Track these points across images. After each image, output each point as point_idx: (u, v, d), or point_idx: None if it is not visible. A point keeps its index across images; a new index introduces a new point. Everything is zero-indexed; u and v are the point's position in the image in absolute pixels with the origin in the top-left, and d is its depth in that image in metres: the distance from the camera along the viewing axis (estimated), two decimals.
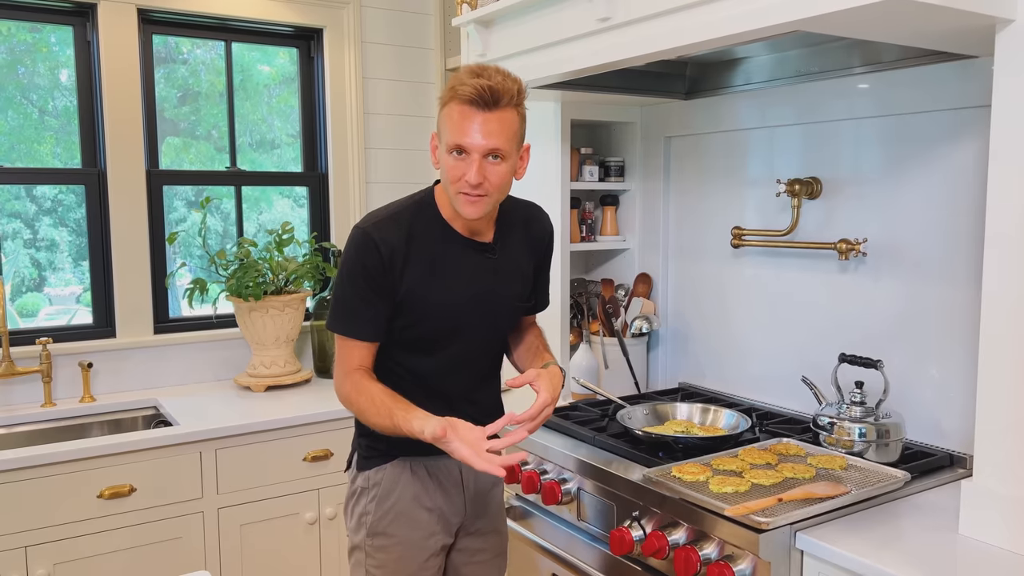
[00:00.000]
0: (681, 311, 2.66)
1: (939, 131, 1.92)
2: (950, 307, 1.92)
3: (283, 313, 2.75)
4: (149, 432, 2.33)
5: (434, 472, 1.71)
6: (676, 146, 2.64)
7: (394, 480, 1.69)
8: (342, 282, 1.62)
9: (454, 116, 1.49)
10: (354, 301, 1.60)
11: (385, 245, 1.55)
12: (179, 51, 2.94)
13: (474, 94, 1.45)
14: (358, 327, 1.61)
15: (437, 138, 1.57)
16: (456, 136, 1.48)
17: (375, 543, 1.69)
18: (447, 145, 1.51)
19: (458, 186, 1.51)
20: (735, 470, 1.73)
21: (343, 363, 1.64)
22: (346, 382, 1.62)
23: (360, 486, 1.72)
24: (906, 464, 1.83)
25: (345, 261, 1.60)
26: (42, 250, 2.78)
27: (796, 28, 1.49)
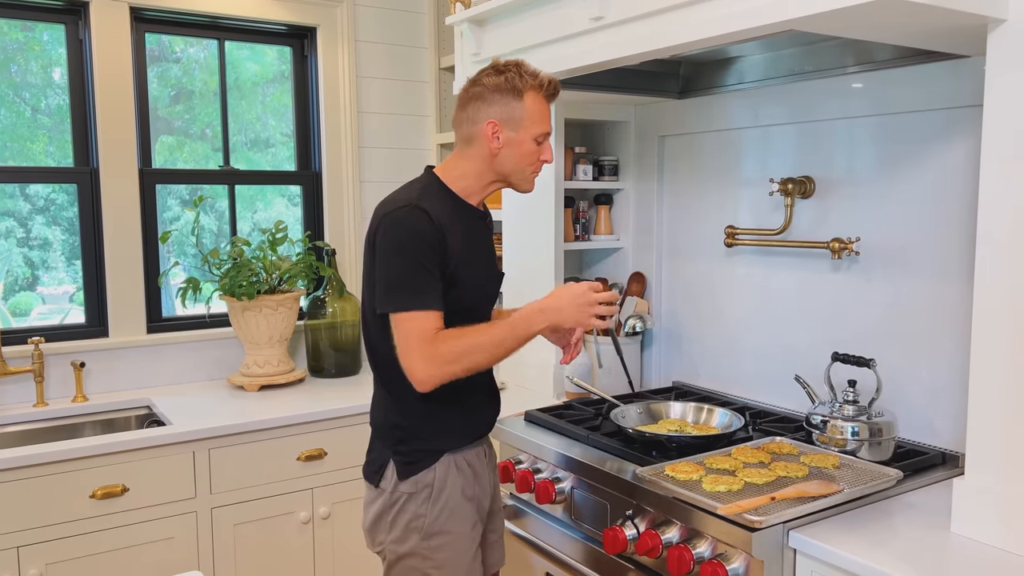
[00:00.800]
0: (675, 310, 2.66)
1: (932, 130, 1.92)
2: (942, 305, 1.92)
3: (276, 312, 2.74)
4: (141, 432, 2.32)
5: (471, 462, 1.77)
6: (670, 145, 2.64)
7: (443, 478, 1.71)
8: (400, 259, 1.59)
9: (543, 109, 1.69)
10: (417, 273, 1.58)
11: (434, 214, 1.61)
12: (172, 50, 2.94)
13: (554, 91, 1.70)
14: (429, 298, 1.58)
15: (503, 125, 1.67)
16: (545, 126, 1.70)
17: (433, 544, 1.69)
18: (536, 134, 1.68)
19: (536, 167, 1.73)
20: (728, 469, 1.73)
21: (424, 337, 1.56)
22: (438, 344, 1.56)
23: (405, 492, 1.70)
24: (899, 463, 1.83)
25: (398, 237, 1.59)
26: (35, 249, 2.77)
27: (789, 28, 1.50)
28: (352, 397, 2.66)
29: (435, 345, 1.57)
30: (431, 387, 1.59)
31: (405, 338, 1.58)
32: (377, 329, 1.69)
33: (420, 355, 1.56)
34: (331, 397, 2.68)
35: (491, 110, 1.67)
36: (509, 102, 1.66)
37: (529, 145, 1.68)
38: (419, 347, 1.57)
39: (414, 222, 1.59)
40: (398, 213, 1.61)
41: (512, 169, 1.71)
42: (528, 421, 2.28)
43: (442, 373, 1.58)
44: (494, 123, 1.67)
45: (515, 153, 1.69)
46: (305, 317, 2.98)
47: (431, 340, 1.57)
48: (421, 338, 1.57)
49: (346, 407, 2.56)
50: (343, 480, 2.57)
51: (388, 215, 1.62)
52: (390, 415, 1.75)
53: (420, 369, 1.57)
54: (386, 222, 1.62)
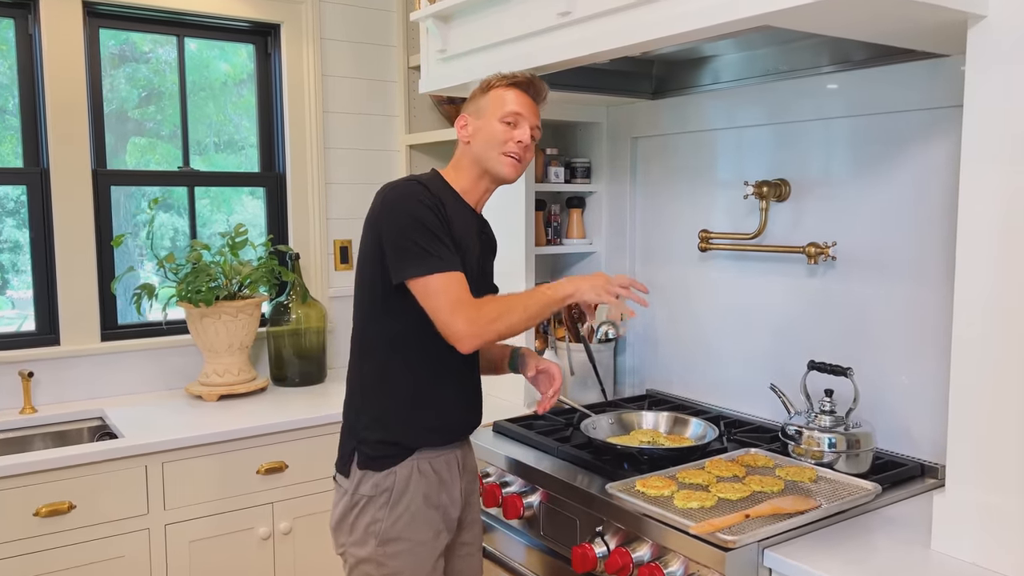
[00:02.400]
0: (648, 316, 2.59)
1: (910, 131, 1.87)
2: (921, 311, 1.87)
3: (236, 319, 2.64)
4: (90, 446, 2.21)
5: (438, 468, 1.71)
6: (643, 147, 2.57)
7: (404, 483, 1.66)
8: (413, 227, 1.58)
9: (509, 95, 1.71)
10: (433, 239, 1.59)
11: (437, 194, 1.65)
12: (140, 49, 2.83)
13: (526, 81, 1.73)
14: (452, 260, 1.59)
15: (471, 117, 1.74)
16: (512, 106, 1.70)
17: (389, 550, 1.65)
18: (500, 115, 1.69)
19: (507, 147, 1.70)
20: (701, 483, 1.66)
21: (463, 296, 1.57)
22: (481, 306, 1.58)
23: (366, 495, 1.67)
24: (877, 475, 1.78)
25: (405, 207, 1.60)
26: (5, 252, 2.65)
27: (763, 23, 1.43)
28: (316, 407, 2.56)
29: (477, 305, 1.58)
30: (475, 346, 1.58)
31: (442, 299, 1.57)
32: (369, 308, 1.70)
33: (464, 314, 1.56)
34: (294, 407, 2.58)
35: (464, 110, 1.78)
36: (477, 98, 1.76)
37: (494, 126, 1.70)
38: (461, 306, 1.56)
39: (418, 193, 1.62)
40: (400, 187, 1.65)
41: (484, 152, 1.71)
42: (496, 432, 2.20)
43: (485, 331, 1.57)
44: (463, 117, 1.77)
45: (484, 137, 1.71)
46: (267, 324, 2.88)
47: (468, 298, 1.58)
48: (459, 297, 1.57)
49: (309, 417, 2.46)
50: (305, 494, 2.47)
51: (391, 189, 1.65)
52: (363, 403, 1.71)
53: (464, 327, 1.56)
54: (390, 196, 1.64)
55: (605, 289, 1.66)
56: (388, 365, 1.69)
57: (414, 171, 3.16)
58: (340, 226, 3.11)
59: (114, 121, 2.81)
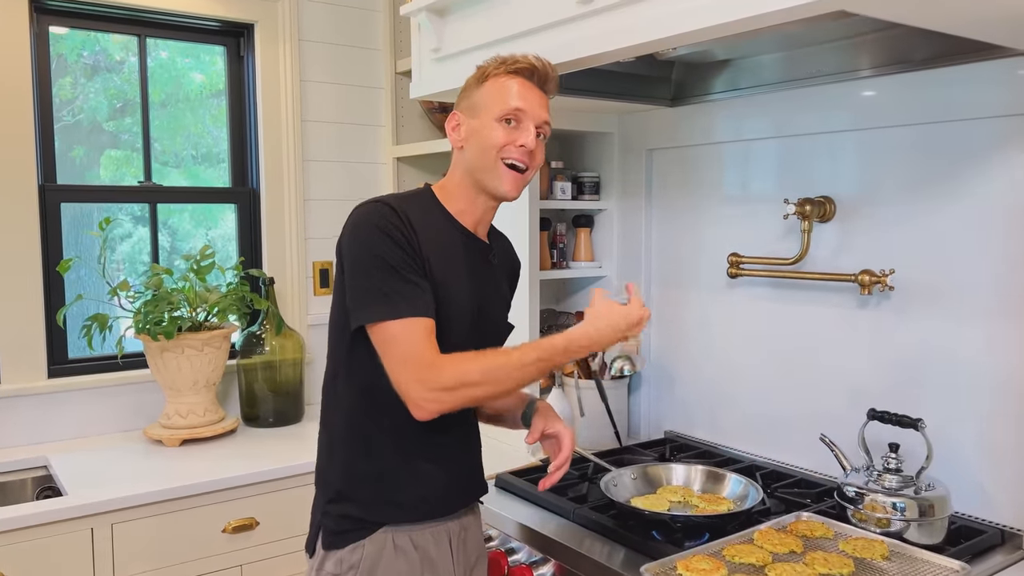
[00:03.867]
0: (667, 349, 2.31)
1: (983, 141, 1.61)
2: (997, 351, 1.60)
3: (202, 353, 2.33)
4: (25, 507, 1.89)
5: (420, 544, 1.42)
6: (659, 160, 2.31)
7: (374, 559, 1.38)
8: (371, 263, 1.32)
9: (508, 86, 1.40)
10: (391, 277, 1.31)
11: (406, 216, 1.36)
12: (112, 58, 2.54)
13: (531, 67, 1.41)
14: (412, 303, 1.31)
15: (464, 115, 1.44)
16: (513, 102, 1.39)
17: None
18: (498, 112, 1.39)
19: (506, 152, 1.40)
20: (755, 564, 1.38)
21: (418, 352, 1.29)
22: (443, 367, 1.29)
23: (331, 572, 1.39)
24: (954, 547, 1.50)
25: (366, 238, 1.33)
26: None
27: (838, 7, 1.16)
28: (291, 453, 2.26)
29: (436, 364, 1.29)
30: (431, 415, 1.30)
31: (393, 351, 1.31)
32: (337, 352, 1.44)
33: (415, 373, 1.29)
34: (267, 453, 2.28)
35: (458, 106, 1.47)
36: (471, 91, 1.45)
37: (490, 128, 1.39)
38: (413, 363, 1.29)
39: (379, 218, 1.34)
40: (362, 212, 1.37)
41: (479, 163, 1.41)
42: (500, 487, 1.92)
43: (442, 399, 1.29)
44: (455, 115, 1.46)
45: (479, 143, 1.41)
46: (238, 356, 2.57)
47: (426, 356, 1.29)
48: (413, 351, 1.29)
49: (282, 467, 2.16)
50: (277, 554, 2.16)
51: (354, 213, 1.39)
52: (327, 465, 1.46)
53: (414, 390, 1.29)
54: (350, 220, 1.38)
55: (629, 330, 1.44)
56: (357, 422, 1.41)
57: (402, 186, 2.88)
58: (320, 247, 2.82)
59: (86, 133, 2.53)
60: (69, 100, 2.52)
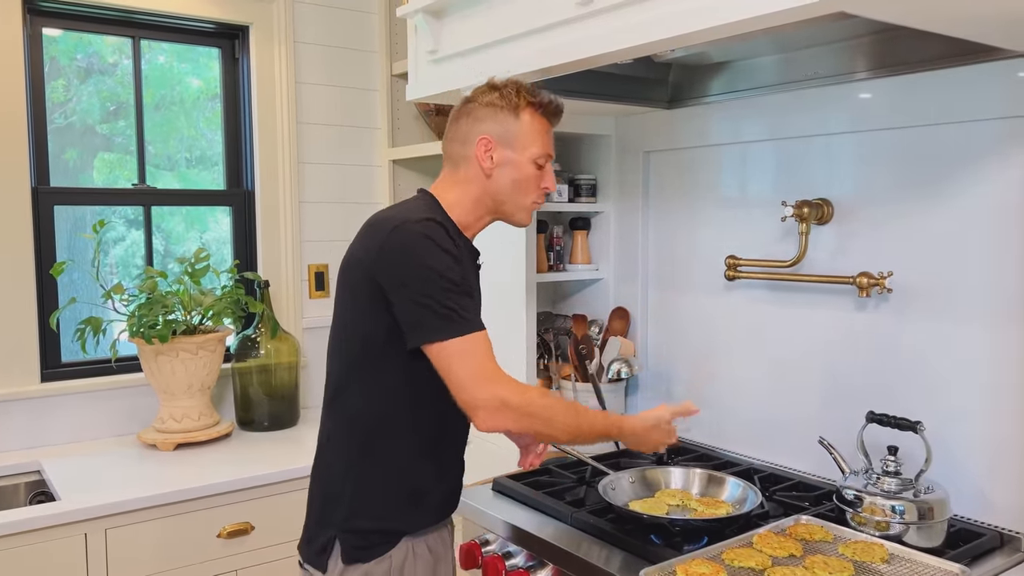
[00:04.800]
0: (664, 352, 2.31)
1: (983, 143, 1.60)
2: (997, 354, 1.60)
3: (197, 357, 2.32)
4: (18, 512, 1.88)
5: (433, 547, 1.49)
6: (657, 162, 2.30)
7: (399, 570, 1.42)
8: (435, 280, 1.31)
9: (543, 129, 1.49)
10: (458, 291, 1.33)
11: (453, 233, 1.41)
12: (105, 60, 2.53)
13: (555, 110, 1.51)
14: (475, 317, 1.35)
15: (499, 144, 1.46)
16: (546, 147, 1.49)
17: None
18: (534, 156, 1.47)
19: (536, 195, 1.51)
20: (755, 568, 1.37)
21: (490, 365, 1.32)
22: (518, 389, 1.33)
23: None
24: (954, 550, 1.50)
25: (421, 257, 1.32)
26: None
27: (837, 8, 1.16)
28: (287, 457, 2.25)
29: (519, 387, 1.33)
30: (493, 427, 1.32)
31: (463, 366, 1.31)
32: (360, 367, 1.41)
33: (494, 389, 1.30)
34: (262, 457, 2.26)
35: (483, 126, 1.47)
36: (504, 118, 1.47)
37: (528, 168, 1.47)
38: (491, 378, 1.31)
39: (438, 239, 1.35)
40: (415, 227, 1.34)
41: (509, 196, 1.48)
42: (496, 491, 1.90)
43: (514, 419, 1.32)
44: (487, 139, 1.46)
45: (512, 176, 1.47)
46: (232, 360, 2.55)
47: (501, 374, 1.33)
48: (486, 367, 1.31)
49: (278, 471, 2.15)
50: (273, 559, 2.15)
51: (399, 228, 1.35)
52: (342, 479, 1.43)
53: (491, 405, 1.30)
54: (400, 239, 1.34)
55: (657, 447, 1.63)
56: (387, 431, 1.41)
57: (397, 188, 2.88)
58: (315, 249, 2.81)
59: (79, 136, 2.52)
60: (62, 103, 2.51)
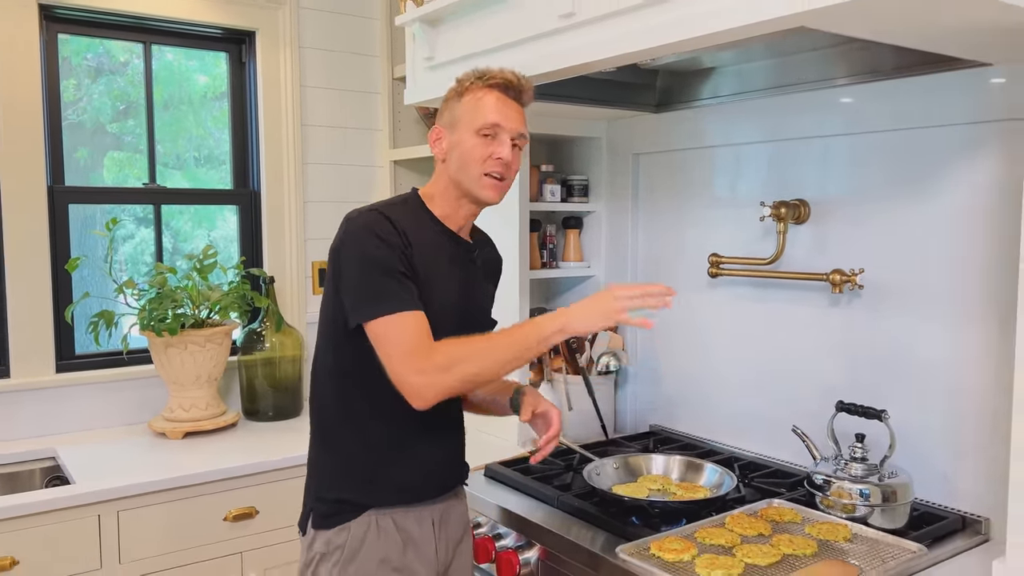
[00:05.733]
0: (652, 346, 2.40)
1: (948, 148, 1.69)
2: (960, 348, 1.69)
3: (204, 349, 2.42)
4: (34, 494, 1.98)
5: (404, 526, 1.53)
6: (646, 164, 2.39)
7: (359, 540, 1.50)
8: (365, 264, 1.42)
9: (485, 101, 1.49)
10: (387, 277, 1.42)
11: (396, 222, 1.46)
12: (117, 60, 2.63)
13: (505, 82, 1.50)
14: (401, 299, 1.40)
15: (444, 129, 1.54)
16: (489, 116, 1.48)
17: None
18: (477, 127, 1.48)
19: (486, 166, 1.49)
20: (724, 545, 1.47)
21: (410, 342, 1.38)
22: (434, 353, 1.39)
23: (319, 552, 1.52)
24: (916, 530, 1.59)
25: (360, 243, 1.43)
26: None
27: (799, 23, 1.25)
28: (290, 445, 2.35)
29: (428, 352, 1.38)
30: (430, 401, 1.39)
31: (391, 345, 1.40)
32: (328, 346, 1.55)
33: (413, 363, 1.38)
34: (266, 446, 2.36)
35: (439, 121, 1.58)
36: (451, 106, 1.55)
37: (470, 141, 1.49)
38: (406, 354, 1.38)
39: (374, 226, 1.44)
40: (359, 218, 1.47)
41: (462, 174, 1.51)
42: (488, 477, 2.00)
43: (437, 383, 1.38)
44: (437, 129, 1.57)
45: (458, 154, 1.51)
46: (239, 353, 2.66)
47: (420, 345, 1.39)
48: (411, 342, 1.39)
49: (282, 458, 2.25)
50: (277, 542, 2.25)
51: (350, 220, 1.48)
52: (318, 454, 1.58)
53: (413, 378, 1.38)
54: (348, 229, 1.47)
55: (605, 315, 1.40)
56: (348, 412, 1.51)
57: (398, 188, 2.97)
58: (319, 247, 2.91)
59: (90, 135, 2.62)
60: (73, 102, 2.61)
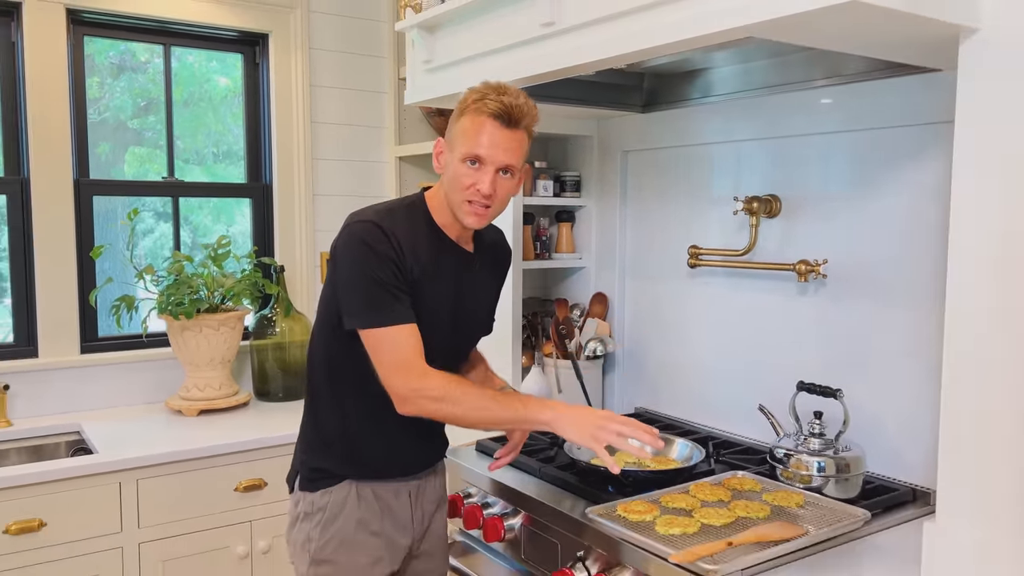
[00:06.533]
0: (638, 333, 2.54)
1: (903, 147, 1.82)
2: (915, 332, 1.82)
3: (218, 332, 2.59)
4: (62, 462, 2.16)
5: (381, 495, 1.65)
6: (633, 161, 2.53)
7: (339, 504, 1.62)
8: (361, 276, 1.49)
9: (475, 127, 1.50)
10: (384, 288, 1.49)
11: (393, 235, 1.51)
12: (138, 59, 2.80)
13: (500, 110, 1.49)
14: (401, 311, 1.49)
15: (445, 145, 1.58)
16: (474, 147, 1.50)
17: (320, 571, 1.62)
18: (462, 154, 1.51)
19: (467, 194, 1.52)
20: (684, 508, 1.61)
21: (405, 359, 1.48)
22: (430, 378, 1.48)
23: (303, 511, 1.65)
24: (867, 500, 1.72)
25: (357, 254, 1.50)
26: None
27: (748, 34, 1.39)
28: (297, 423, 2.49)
29: (422, 374, 1.48)
30: (408, 413, 1.51)
31: (385, 355, 1.50)
32: (323, 331, 1.63)
33: (403, 379, 1.48)
34: (275, 423, 2.53)
35: (446, 133, 1.60)
36: (453, 122, 1.57)
37: (457, 167, 1.52)
38: (398, 367, 1.48)
39: (370, 238, 1.50)
40: (356, 227, 1.52)
41: (449, 194, 1.56)
42: (480, 451, 2.15)
43: (421, 406, 1.50)
44: (439, 142, 1.61)
45: (448, 175, 1.55)
46: (251, 337, 2.82)
47: (413, 362, 1.48)
48: (399, 356, 1.48)
49: (288, 434, 2.41)
50: (284, 512, 2.39)
51: (347, 224, 1.54)
52: (307, 424, 1.70)
53: (400, 391, 1.49)
54: (345, 235, 1.54)
55: (592, 437, 1.46)
56: (334, 392, 1.64)
57: (403, 183, 3.12)
58: (327, 238, 3.07)
59: (111, 131, 2.79)
60: (96, 99, 2.78)
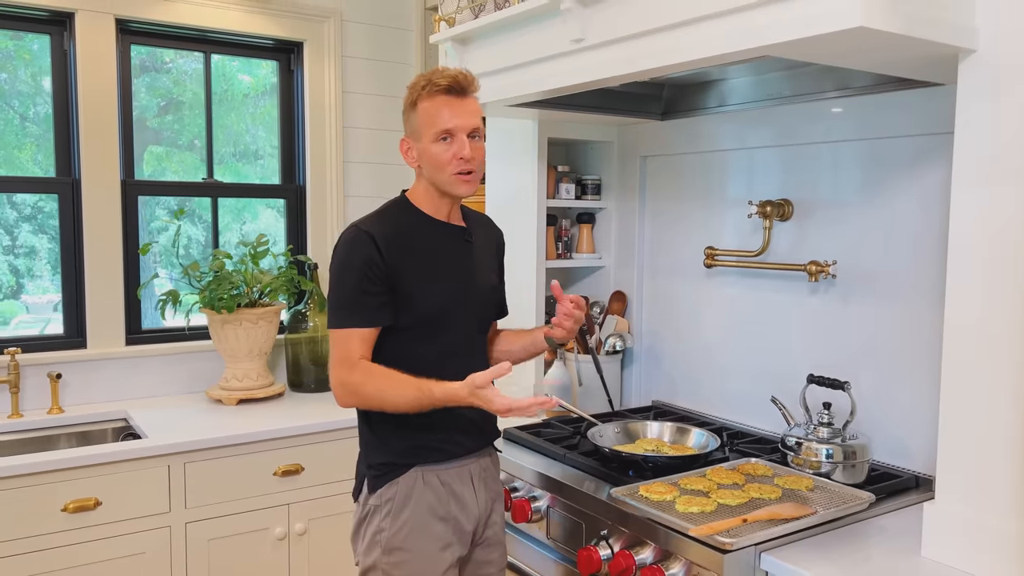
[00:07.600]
0: (655, 329, 2.67)
1: (908, 156, 1.95)
2: (918, 329, 1.94)
3: (256, 326, 2.73)
4: (116, 445, 2.30)
5: (447, 481, 1.71)
6: (652, 165, 2.66)
7: (407, 493, 1.68)
8: (338, 280, 1.65)
9: (435, 107, 1.63)
10: (351, 294, 1.63)
11: (379, 237, 1.63)
12: (161, 60, 2.94)
13: (450, 83, 1.63)
14: (355, 316, 1.63)
15: (411, 140, 1.69)
16: (442, 123, 1.62)
17: (392, 559, 1.66)
18: (433, 134, 1.63)
19: (453, 166, 1.64)
20: (702, 490, 1.73)
21: (345, 356, 1.62)
22: (354, 372, 1.62)
23: (372, 505, 1.70)
24: (872, 486, 1.84)
25: (339, 259, 1.65)
26: (20, 257, 2.76)
27: (765, 54, 1.51)
28: (330, 412, 2.65)
29: (352, 369, 1.62)
30: (342, 406, 1.67)
31: (332, 352, 1.66)
32: None
33: (338, 372, 1.63)
34: (309, 412, 2.66)
35: (405, 131, 1.73)
36: (408, 117, 1.70)
37: (434, 148, 1.64)
38: (339, 365, 1.63)
39: (352, 244, 1.64)
40: (344, 234, 1.68)
41: (435, 177, 1.67)
42: (507, 439, 2.28)
43: (345, 397, 1.64)
44: (404, 141, 1.72)
45: (428, 162, 1.66)
46: (286, 331, 2.97)
47: (351, 363, 1.62)
48: (341, 358, 1.63)
49: (324, 422, 2.55)
50: (320, 496, 2.55)
51: (343, 233, 1.69)
52: (363, 428, 1.76)
53: (334, 388, 1.65)
54: (339, 240, 1.69)
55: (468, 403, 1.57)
56: None
57: None
58: None
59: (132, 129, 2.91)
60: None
